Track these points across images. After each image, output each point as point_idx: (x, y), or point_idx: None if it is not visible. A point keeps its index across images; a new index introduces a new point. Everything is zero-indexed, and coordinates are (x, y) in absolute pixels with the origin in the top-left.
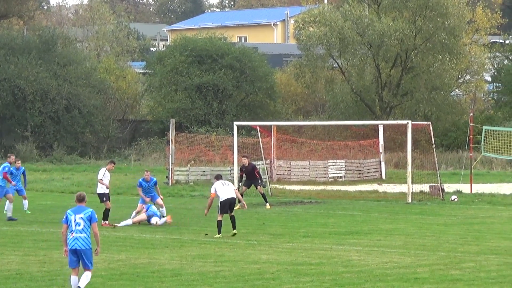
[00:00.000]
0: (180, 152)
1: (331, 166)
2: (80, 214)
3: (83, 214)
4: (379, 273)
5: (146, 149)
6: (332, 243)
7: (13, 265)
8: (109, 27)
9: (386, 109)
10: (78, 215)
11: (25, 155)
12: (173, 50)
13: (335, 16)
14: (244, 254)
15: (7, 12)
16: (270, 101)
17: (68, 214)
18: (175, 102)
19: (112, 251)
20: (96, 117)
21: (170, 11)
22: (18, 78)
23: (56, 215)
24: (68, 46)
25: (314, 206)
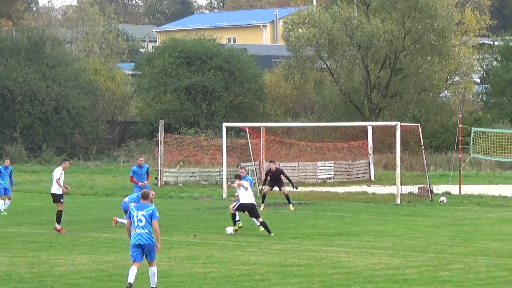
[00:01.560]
0: (169, 153)
1: (320, 167)
2: (142, 211)
3: (145, 211)
4: (368, 274)
5: (135, 150)
6: (321, 245)
7: (2, 267)
8: (98, 29)
9: (375, 111)
10: (140, 212)
11: (14, 157)
12: (162, 51)
13: (324, 17)
14: (233, 255)
15: None
16: (259, 102)
17: (132, 210)
18: (164, 104)
19: (101, 252)
20: (85, 118)
21: (159, 13)
22: (7, 80)
23: (45, 216)
24: (57, 47)
25: (303, 208)
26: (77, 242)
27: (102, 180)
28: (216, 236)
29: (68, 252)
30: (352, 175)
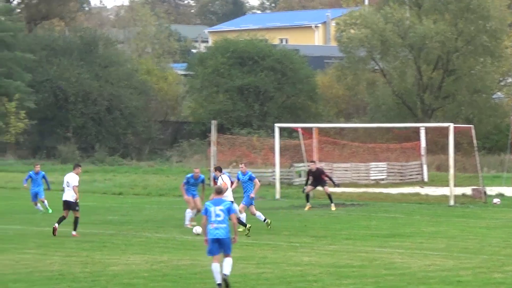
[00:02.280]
0: (221, 154)
1: (373, 168)
2: (219, 206)
3: (223, 206)
4: (422, 275)
5: (188, 151)
6: (374, 246)
7: (56, 266)
8: (150, 29)
9: (427, 112)
10: (217, 207)
11: (67, 156)
12: (215, 51)
13: (376, 18)
14: (286, 256)
15: (48, 13)
16: (311, 103)
17: (208, 206)
18: (217, 104)
19: (155, 252)
20: (137, 118)
21: (211, 13)
22: (60, 79)
23: (98, 216)
24: (109, 47)
25: (356, 209)
26: (131, 242)
27: (155, 180)
28: (269, 236)
29: (121, 252)
30: (405, 176)
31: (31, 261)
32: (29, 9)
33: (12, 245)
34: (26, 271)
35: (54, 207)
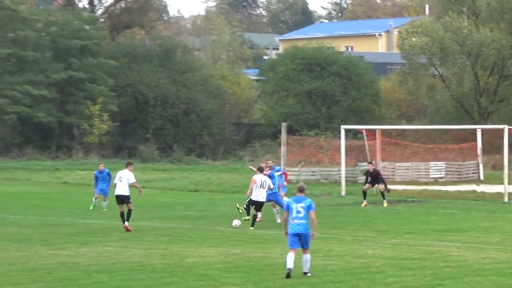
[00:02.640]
0: (291, 153)
1: (432, 167)
2: (301, 203)
3: (304, 204)
4: (477, 268)
5: (260, 151)
6: (433, 240)
7: (136, 258)
8: (224, 37)
9: (484, 115)
10: (299, 204)
11: (147, 156)
12: (285, 58)
13: (436, 27)
14: (351, 249)
15: (130, 22)
16: (375, 106)
17: (290, 203)
18: (287, 107)
19: (228, 245)
20: (212, 120)
21: (282, 22)
22: (140, 84)
23: (176, 211)
24: (186, 54)
25: (416, 205)
26: (206, 236)
27: (228, 178)
28: (335, 231)
29: (197, 245)
30: (462, 175)
31: (113, 253)
32: (112, 18)
33: (95, 238)
34: (108, 262)
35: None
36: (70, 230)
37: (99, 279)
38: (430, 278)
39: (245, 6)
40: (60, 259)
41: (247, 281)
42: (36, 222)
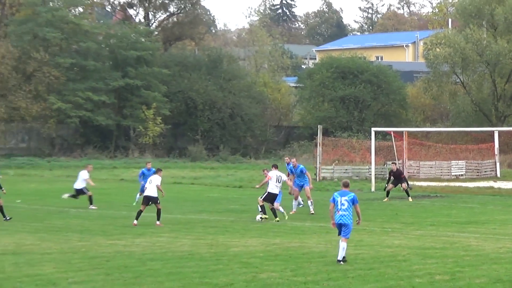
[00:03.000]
0: (326, 153)
1: (453, 166)
2: (345, 196)
3: (347, 197)
4: (494, 256)
5: (298, 151)
6: (454, 231)
7: (186, 247)
8: (266, 48)
9: (501, 118)
10: (343, 197)
11: (196, 155)
12: (321, 67)
13: (458, 38)
14: (379, 239)
15: (181, 35)
16: (402, 110)
17: (336, 196)
18: (322, 111)
19: (269, 236)
20: (255, 123)
21: (318, 34)
22: (190, 91)
23: (222, 205)
24: (232, 63)
25: (439, 200)
26: (248, 228)
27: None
28: (365, 223)
29: (240, 236)
30: (481, 172)
31: (165, 243)
32: (165, 31)
33: (149, 230)
34: (161, 251)
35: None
36: (126, 222)
37: (152, 266)
38: (451, 266)
39: (285, 20)
40: (117, 248)
41: (285, 268)
42: (96, 215)
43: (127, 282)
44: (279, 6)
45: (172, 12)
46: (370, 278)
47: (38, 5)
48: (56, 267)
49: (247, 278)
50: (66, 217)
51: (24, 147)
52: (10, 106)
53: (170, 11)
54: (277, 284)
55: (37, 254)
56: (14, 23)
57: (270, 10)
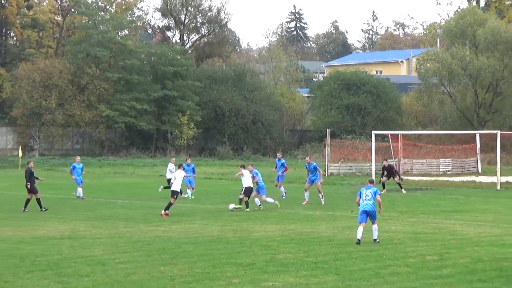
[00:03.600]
0: (333, 153)
1: (441, 163)
2: (369, 190)
3: (371, 190)
4: (476, 240)
5: (309, 151)
6: (442, 218)
7: (215, 232)
8: (283, 64)
9: (481, 123)
10: (368, 190)
11: (223, 155)
12: (329, 80)
13: (445, 55)
14: (379, 225)
15: (211, 53)
16: (398, 116)
17: (362, 189)
18: (330, 117)
19: (285, 223)
20: (273, 128)
21: (327, 52)
22: (219, 100)
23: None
24: (254, 77)
25: (429, 192)
26: (268, 216)
27: (287, 172)
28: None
29: (261, 222)
30: (465, 168)
31: (197, 229)
32: (197, 50)
33: (184, 218)
34: (193, 236)
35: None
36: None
37: (186, 248)
38: (440, 248)
39: (299, 40)
40: (156, 234)
41: (299, 250)
42: (139, 206)
43: (165, 262)
44: (294, 29)
45: (203, 34)
46: (371, 259)
47: (91, 28)
48: (105, 249)
49: (267, 258)
50: (113, 207)
51: (78, 148)
52: (67, 114)
53: (202, 33)
54: (292, 264)
55: (89, 239)
56: (70, 44)
57: (286, 31)
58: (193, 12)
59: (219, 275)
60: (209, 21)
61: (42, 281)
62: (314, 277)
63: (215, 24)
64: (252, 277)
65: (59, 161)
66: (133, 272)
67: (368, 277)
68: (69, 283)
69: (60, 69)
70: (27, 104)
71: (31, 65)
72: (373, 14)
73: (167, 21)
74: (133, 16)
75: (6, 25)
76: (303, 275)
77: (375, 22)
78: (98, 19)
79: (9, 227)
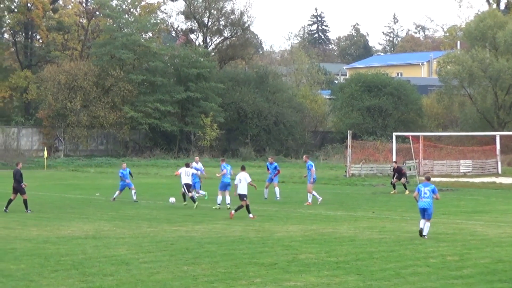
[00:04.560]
0: (355, 154)
1: (461, 164)
2: (427, 187)
3: (429, 188)
4: (496, 240)
5: (331, 152)
6: (462, 219)
7: (237, 232)
8: (304, 66)
9: (501, 124)
10: (426, 188)
11: (245, 156)
12: (350, 82)
13: (466, 58)
14: (400, 226)
15: (233, 55)
16: (418, 118)
17: (420, 187)
18: (351, 119)
19: (306, 223)
20: (295, 129)
21: (348, 55)
22: (241, 102)
23: (267, 197)
24: (276, 79)
25: (450, 193)
26: (290, 216)
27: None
28: (388, 212)
29: (283, 223)
30: (485, 170)
31: (220, 229)
32: (220, 52)
33: (207, 218)
34: (216, 236)
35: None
36: (187, 212)
37: (209, 248)
38: (460, 248)
39: (320, 43)
40: (180, 234)
41: (320, 250)
42: (162, 206)
43: (188, 262)
44: (316, 31)
45: (226, 37)
46: (392, 259)
47: (115, 30)
48: (129, 249)
49: (289, 258)
50: (137, 207)
51: (102, 149)
52: (92, 115)
53: (225, 35)
54: (313, 264)
55: (113, 238)
56: (95, 46)
57: (308, 34)
58: (216, 15)
59: (241, 275)
60: (232, 23)
61: (66, 280)
62: (336, 277)
63: (238, 26)
64: (274, 277)
65: (83, 162)
66: (157, 272)
67: (389, 277)
68: (93, 283)
69: (85, 71)
70: (53, 105)
71: (56, 67)
72: (394, 17)
73: (190, 23)
74: (157, 19)
75: (32, 27)
76: (325, 275)
77: (396, 24)
78: (123, 21)
79: (35, 227)
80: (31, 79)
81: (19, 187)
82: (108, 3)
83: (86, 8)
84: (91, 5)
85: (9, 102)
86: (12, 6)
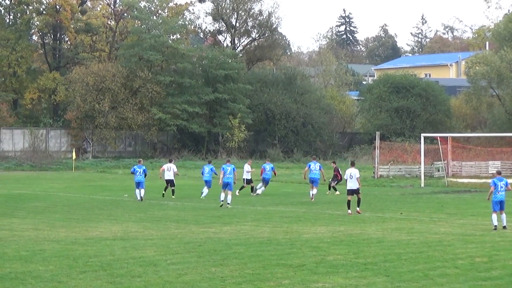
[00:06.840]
0: (383, 155)
1: (490, 165)
2: (502, 181)
3: (504, 182)
4: None
5: (359, 153)
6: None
7: (265, 234)
8: (332, 67)
9: None
10: (501, 182)
11: (273, 157)
12: (378, 83)
13: (494, 58)
14: (428, 227)
15: (261, 56)
16: (447, 119)
17: (495, 181)
18: (380, 120)
19: (335, 224)
20: (324, 130)
21: (376, 55)
22: (269, 103)
23: (295, 199)
24: (304, 80)
25: (478, 194)
26: (318, 217)
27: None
28: (416, 213)
29: (311, 224)
30: None
31: (248, 231)
32: (248, 54)
33: (235, 219)
34: (244, 237)
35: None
36: (215, 213)
37: (237, 250)
38: (489, 250)
39: (348, 44)
40: (208, 235)
41: (349, 252)
42: (190, 207)
43: (216, 263)
44: (344, 32)
45: (254, 38)
46: (420, 260)
47: (143, 32)
48: (156, 250)
49: (317, 260)
50: (165, 208)
51: (130, 150)
52: (120, 117)
53: (253, 36)
54: (341, 265)
55: (141, 240)
56: (123, 47)
57: (336, 35)
58: (244, 16)
59: (269, 276)
60: (259, 25)
61: (95, 281)
62: (364, 279)
63: (265, 28)
64: (302, 278)
65: (112, 163)
66: (185, 273)
67: (417, 278)
68: (121, 284)
69: (113, 73)
70: (81, 107)
71: (84, 68)
72: (422, 18)
73: (218, 25)
74: (184, 20)
75: (60, 29)
76: (353, 276)
77: (424, 25)
78: (151, 23)
79: (63, 228)
80: (60, 81)
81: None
82: (136, 4)
83: (114, 9)
84: (119, 7)
85: (38, 103)
86: (41, 8)
